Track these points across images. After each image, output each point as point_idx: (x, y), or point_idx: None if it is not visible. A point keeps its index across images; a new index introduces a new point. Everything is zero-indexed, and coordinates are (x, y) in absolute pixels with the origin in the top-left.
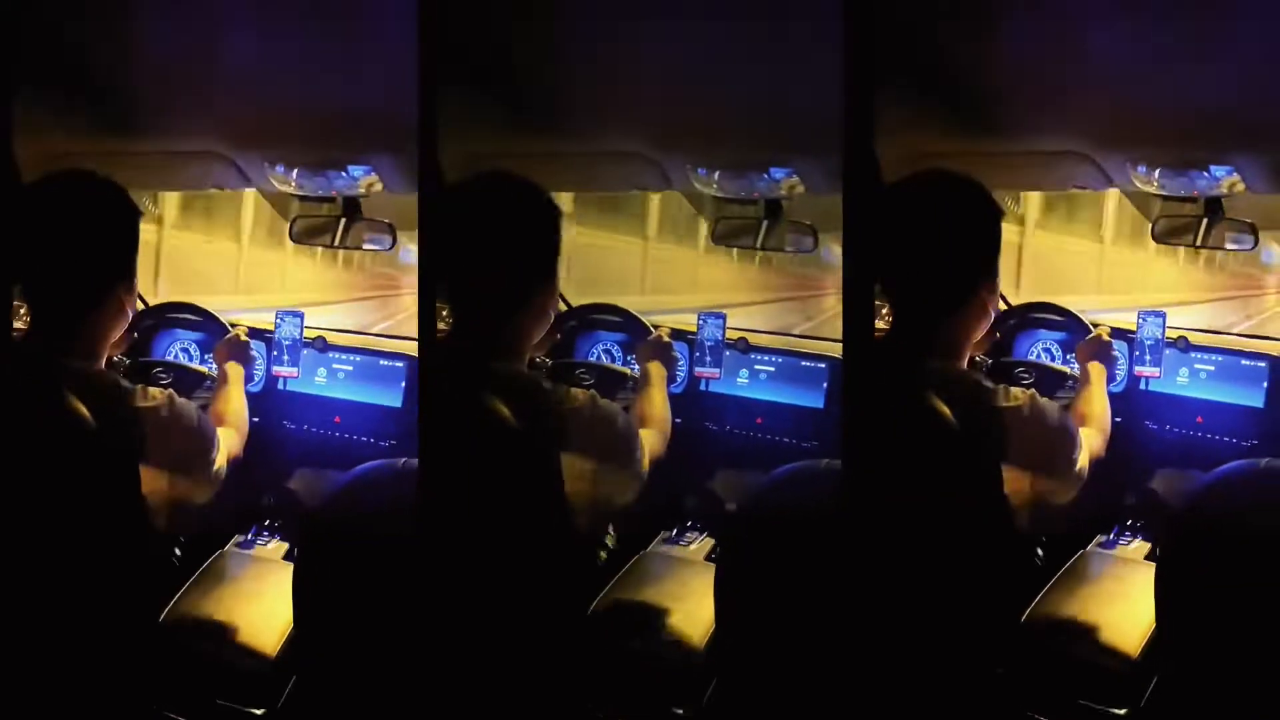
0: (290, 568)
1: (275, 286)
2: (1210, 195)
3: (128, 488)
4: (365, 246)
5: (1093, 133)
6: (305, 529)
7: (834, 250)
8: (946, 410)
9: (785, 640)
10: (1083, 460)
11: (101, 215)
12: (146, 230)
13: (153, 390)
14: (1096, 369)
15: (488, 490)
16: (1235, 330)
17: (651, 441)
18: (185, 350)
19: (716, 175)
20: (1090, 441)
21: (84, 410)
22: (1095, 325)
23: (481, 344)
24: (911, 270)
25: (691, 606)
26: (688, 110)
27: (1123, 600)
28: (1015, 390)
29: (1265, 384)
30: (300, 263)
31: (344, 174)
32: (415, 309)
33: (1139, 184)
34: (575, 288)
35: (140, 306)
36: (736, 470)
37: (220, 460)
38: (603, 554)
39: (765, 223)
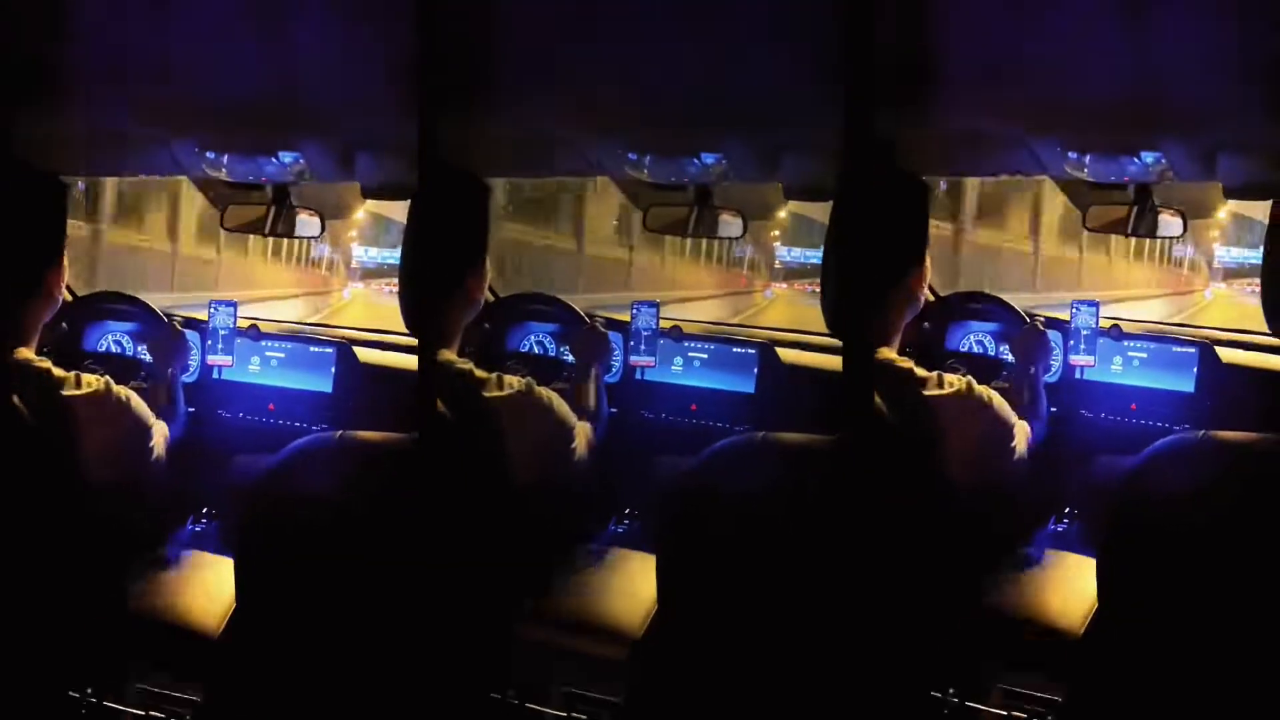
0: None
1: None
2: (1140, 183)
3: (65, 476)
4: (297, 234)
5: (1025, 118)
6: (243, 507)
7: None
8: (877, 399)
9: (728, 620)
10: (1021, 447)
11: (29, 202)
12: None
13: (87, 377)
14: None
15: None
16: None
17: (587, 431)
18: (118, 342)
19: (647, 160)
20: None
21: (16, 399)
22: (1031, 316)
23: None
24: (838, 256)
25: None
26: (621, 95)
27: (1065, 584)
28: (950, 377)
29: (1195, 369)
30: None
31: (274, 160)
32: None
33: (1070, 170)
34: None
35: (68, 296)
36: (674, 456)
37: (159, 447)
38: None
39: (694, 209)
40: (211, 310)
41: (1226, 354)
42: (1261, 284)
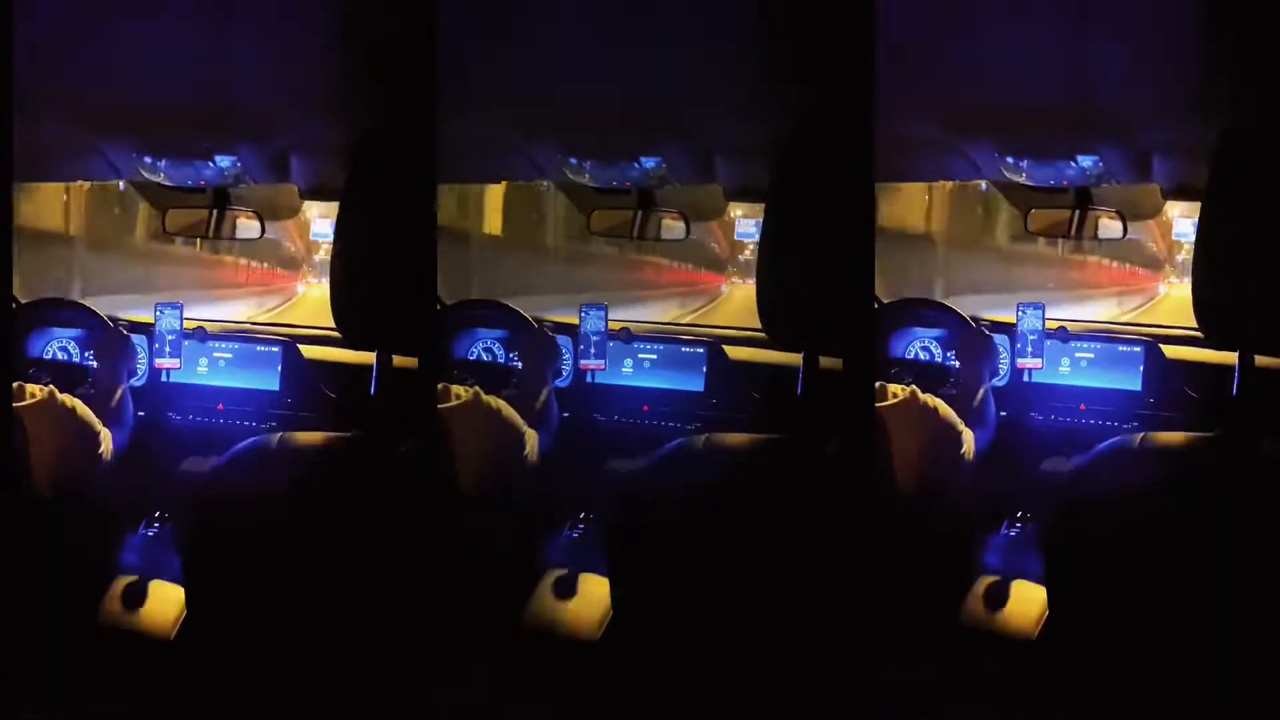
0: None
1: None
2: (1079, 186)
3: (14, 489)
4: (238, 236)
5: (959, 122)
6: (191, 508)
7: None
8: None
9: (683, 622)
10: (969, 454)
11: None
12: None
13: (30, 387)
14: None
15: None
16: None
17: (537, 438)
18: (64, 349)
19: (587, 165)
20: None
21: None
22: (975, 320)
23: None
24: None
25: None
26: (558, 98)
27: (1017, 588)
28: (894, 387)
29: (1141, 368)
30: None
31: (211, 164)
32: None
33: (1008, 174)
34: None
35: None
36: (626, 457)
37: (107, 454)
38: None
39: (639, 213)
40: (158, 313)
41: (1172, 350)
42: (1192, 286)
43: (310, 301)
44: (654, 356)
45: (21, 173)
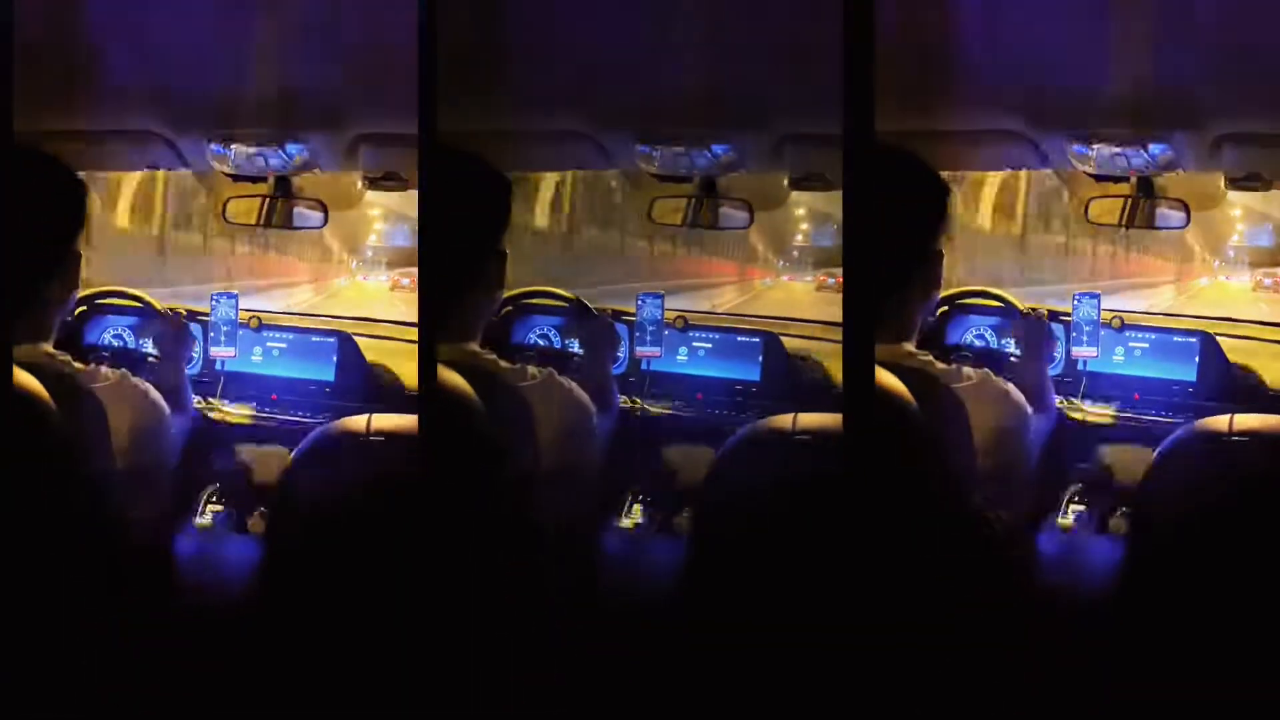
0: (238, 538)
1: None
2: (1143, 175)
3: (91, 468)
4: (296, 225)
5: (1029, 113)
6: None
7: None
8: (906, 391)
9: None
10: (1033, 438)
11: (47, 192)
12: None
13: (104, 370)
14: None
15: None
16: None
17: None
18: (119, 336)
19: (659, 153)
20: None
21: (43, 391)
22: (1032, 309)
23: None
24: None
25: None
26: (629, 87)
27: (1072, 573)
28: (967, 369)
29: (1196, 358)
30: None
31: (280, 152)
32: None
33: (1076, 163)
34: None
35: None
36: (680, 446)
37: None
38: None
39: (701, 200)
40: (213, 302)
41: (1227, 342)
42: None
43: (358, 291)
44: (709, 345)
45: (90, 162)
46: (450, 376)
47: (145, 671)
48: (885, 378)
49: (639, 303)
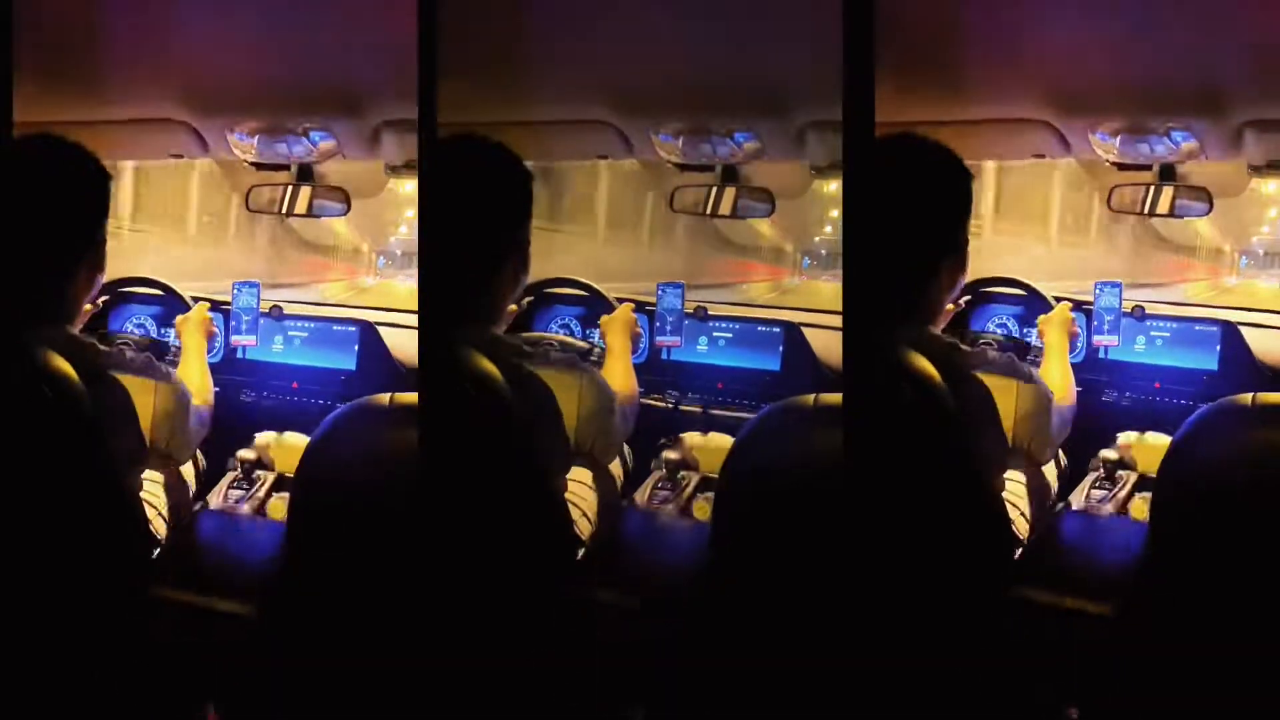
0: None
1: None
2: (1165, 163)
3: (115, 451)
4: (317, 213)
5: (1054, 100)
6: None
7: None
8: (935, 373)
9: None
10: (1056, 423)
11: (73, 179)
12: None
13: (129, 354)
14: (1059, 340)
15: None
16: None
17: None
18: (141, 326)
19: (680, 141)
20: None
21: (71, 372)
22: (1056, 299)
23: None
24: (884, 236)
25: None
26: (651, 75)
27: (1093, 555)
28: (993, 353)
29: (1218, 347)
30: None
31: (304, 140)
32: None
33: (1099, 151)
34: None
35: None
36: (700, 434)
37: (195, 422)
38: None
39: (721, 189)
40: (235, 291)
41: (1250, 332)
42: None
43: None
44: (729, 335)
45: (114, 151)
46: (476, 361)
47: (169, 652)
48: (914, 360)
49: (659, 292)
